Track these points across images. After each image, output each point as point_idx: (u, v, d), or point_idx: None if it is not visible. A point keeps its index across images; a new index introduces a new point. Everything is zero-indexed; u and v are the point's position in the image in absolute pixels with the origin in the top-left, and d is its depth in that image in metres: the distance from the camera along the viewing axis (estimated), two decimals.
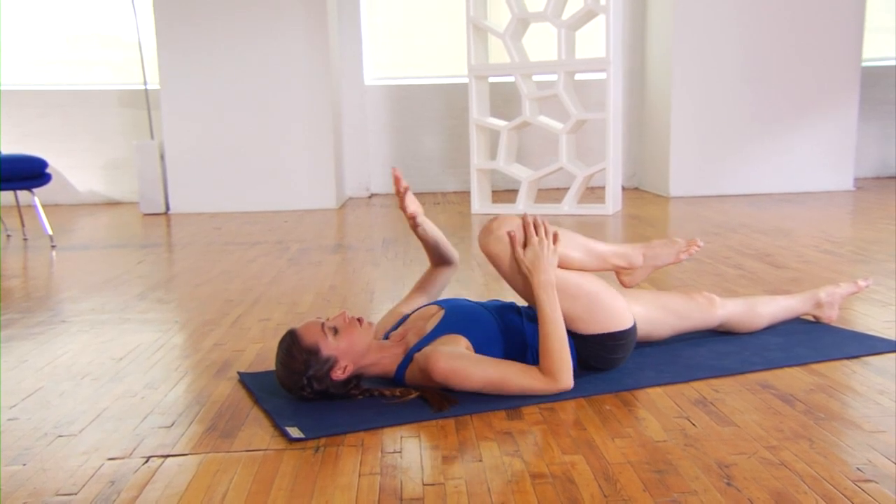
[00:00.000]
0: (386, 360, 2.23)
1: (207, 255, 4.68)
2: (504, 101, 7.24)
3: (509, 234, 2.18)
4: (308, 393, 2.12)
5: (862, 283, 2.76)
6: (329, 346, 2.11)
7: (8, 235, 5.75)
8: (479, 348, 2.20)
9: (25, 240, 5.50)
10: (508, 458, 1.78)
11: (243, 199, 6.69)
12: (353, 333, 2.15)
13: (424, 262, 2.99)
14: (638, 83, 7.66)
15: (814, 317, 2.77)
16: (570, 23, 5.87)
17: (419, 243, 2.69)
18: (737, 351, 2.49)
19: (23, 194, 5.72)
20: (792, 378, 2.24)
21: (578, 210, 6.03)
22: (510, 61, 6.05)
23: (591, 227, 5.34)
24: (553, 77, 6.01)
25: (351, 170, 7.60)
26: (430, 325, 2.24)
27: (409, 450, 1.84)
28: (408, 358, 2.21)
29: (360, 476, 1.71)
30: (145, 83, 7.10)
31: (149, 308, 3.37)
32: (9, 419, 2.12)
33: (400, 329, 2.34)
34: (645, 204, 6.56)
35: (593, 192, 7.04)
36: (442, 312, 2.28)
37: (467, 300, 2.40)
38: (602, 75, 6.31)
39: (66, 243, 5.32)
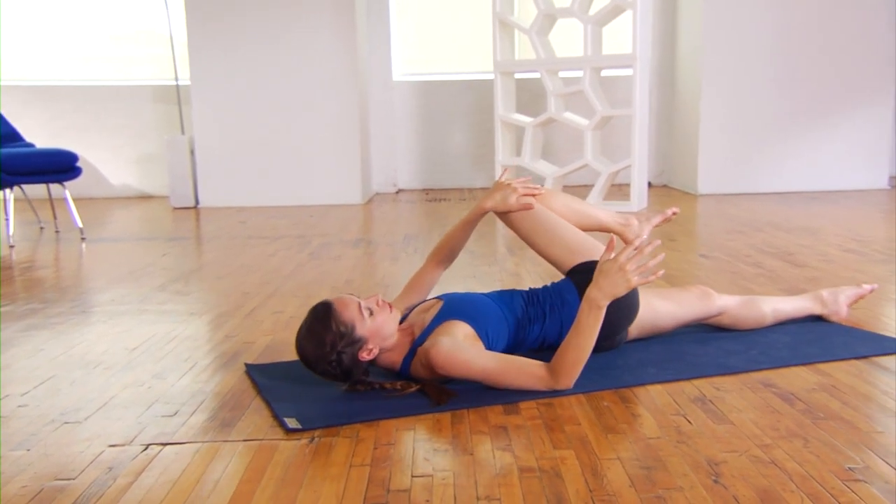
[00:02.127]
0: (397, 349, 2.25)
1: (231, 248, 4.74)
2: (532, 97, 7.23)
3: (610, 243, 2.10)
4: (332, 367, 2.11)
5: (867, 287, 2.75)
6: (364, 327, 2.12)
7: (41, 227, 5.86)
8: (482, 331, 2.22)
9: (57, 232, 5.61)
10: (499, 452, 1.79)
11: (270, 194, 6.76)
12: (385, 318, 2.18)
13: None
14: (668, 79, 7.59)
15: (822, 316, 2.75)
16: (596, 18, 5.84)
17: (437, 238, 2.71)
18: (743, 349, 2.47)
19: (55, 187, 5.83)
20: (796, 377, 2.22)
21: (604, 207, 6.00)
22: (536, 57, 6.03)
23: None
24: (580, 73, 5.99)
25: (378, 165, 7.64)
26: (430, 317, 2.26)
27: (402, 442, 1.86)
28: (412, 351, 2.23)
29: (350, 467, 1.73)
30: (177, 79, 7.19)
31: (167, 300, 3.43)
32: (18, 405, 2.17)
33: (405, 323, 2.36)
34: (672, 201, 6.51)
35: (620, 190, 7.00)
36: (441, 303, 2.30)
37: (467, 292, 2.42)
38: (630, 71, 6.27)
39: (96, 236, 5.41)
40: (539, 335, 2.34)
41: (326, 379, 2.18)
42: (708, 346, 2.52)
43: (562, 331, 2.30)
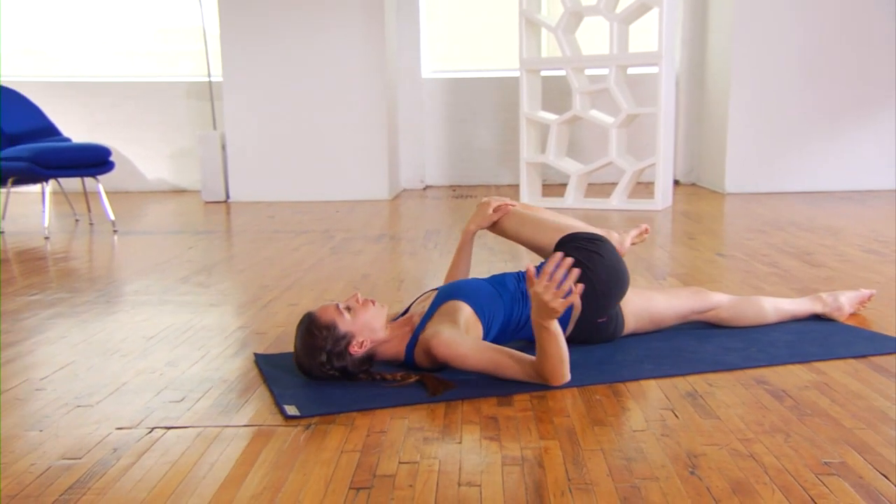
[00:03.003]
0: (396, 340, 2.32)
1: (256, 242, 4.85)
2: (559, 94, 7.25)
3: (528, 268, 2.09)
4: (328, 369, 2.21)
5: (865, 291, 2.80)
6: (345, 323, 2.21)
7: (76, 220, 6.02)
8: (478, 308, 2.31)
9: (91, 224, 5.76)
10: (487, 442, 1.84)
11: (299, 189, 6.87)
12: (367, 312, 2.26)
13: None
14: (698, 78, 7.57)
15: (824, 315, 2.77)
16: (623, 16, 5.85)
17: (458, 235, 2.85)
18: (743, 347, 2.50)
19: (90, 181, 5.98)
20: (790, 375, 2.25)
21: (627, 205, 6.02)
22: (562, 55, 6.06)
23: (639, 222, 5.33)
24: (607, 71, 6.00)
25: (407, 162, 7.72)
26: (428, 304, 2.34)
27: (394, 430, 1.93)
28: (414, 338, 2.30)
29: (342, 453, 1.80)
30: (209, 76, 7.33)
31: (188, 291, 3.53)
32: (36, 389, 2.27)
33: (406, 315, 2.43)
34: (698, 200, 6.50)
35: (646, 188, 7.00)
36: (436, 292, 2.39)
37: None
38: (657, 69, 6.25)
39: (128, 228, 5.56)
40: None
41: (331, 381, 2.25)
42: (708, 344, 2.55)
43: None
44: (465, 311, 2.28)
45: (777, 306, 2.71)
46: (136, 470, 1.74)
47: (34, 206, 6.46)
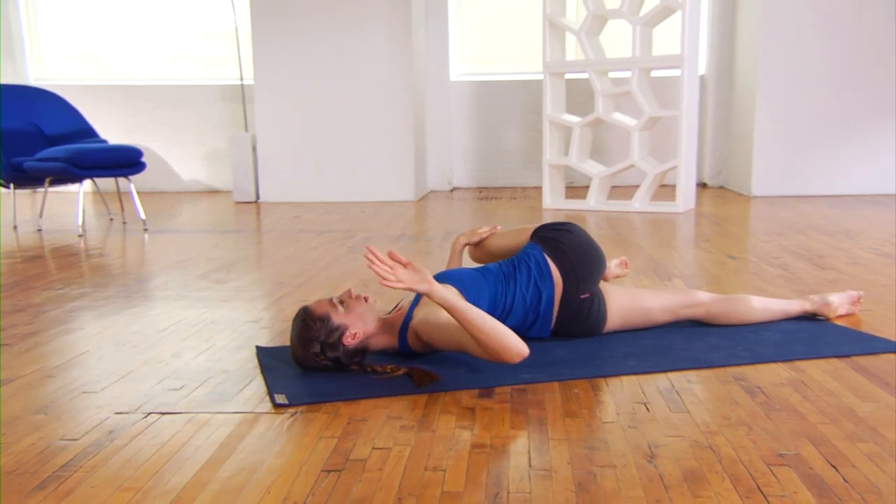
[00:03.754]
0: (388, 330, 2.43)
1: (279, 241, 4.98)
2: (585, 97, 7.29)
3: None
4: (322, 360, 2.32)
5: (853, 293, 2.85)
6: (339, 316, 2.32)
7: (111, 219, 6.22)
8: (462, 287, 2.43)
9: (124, 223, 5.95)
10: (460, 430, 1.92)
11: (326, 190, 7.01)
12: (360, 306, 2.38)
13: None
14: (726, 80, 7.56)
15: (815, 313, 2.82)
16: (646, 19, 5.88)
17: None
18: (729, 346, 2.55)
19: (124, 181, 6.17)
20: (770, 372, 2.29)
21: (649, 207, 6.05)
22: (584, 58, 6.11)
23: (659, 225, 5.36)
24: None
25: (434, 163, 7.82)
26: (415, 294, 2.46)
27: (374, 418, 2.02)
28: (404, 325, 2.41)
29: (320, 439, 1.90)
30: (241, 79, 7.51)
31: (205, 287, 3.66)
32: (47, 376, 2.41)
33: (397, 307, 2.53)
34: (723, 203, 6.50)
35: (670, 191, 7.00)
36: None
37: None
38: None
39: (159, 227, 5.73)
40: (514, 289, 2.54)
41: (325, 371, 2.35)
42: (696, 342, 2.60)
43: (530, 280, 2.55)
44: (451, 290, 2.38)
45: (766, 304, 2.77)
46: (126, 451, 1.85)
47: (71, 206, 6.68)
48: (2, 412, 2.11)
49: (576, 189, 7.36)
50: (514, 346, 2.16)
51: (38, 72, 8.43)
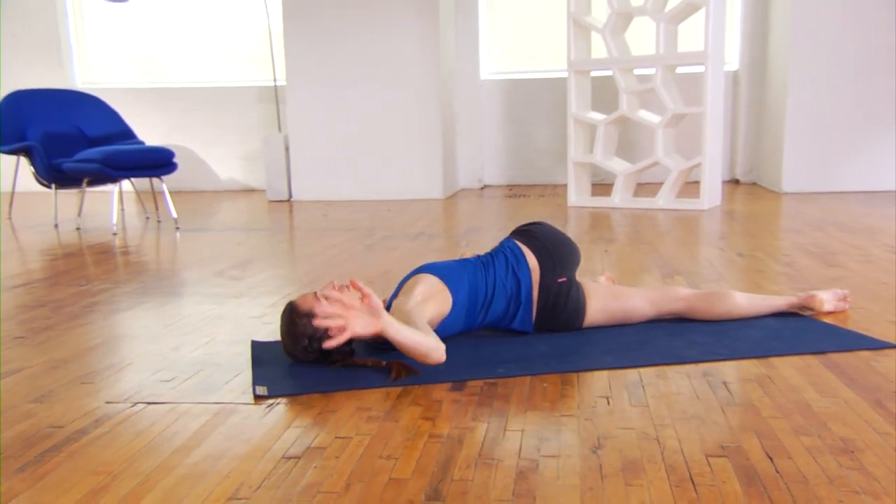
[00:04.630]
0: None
1: (301, 239, 5.11)
2: (612, 95, 7.30)
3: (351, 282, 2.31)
4: (311, 353, 2.42)
5: (839, 291, 2.88)
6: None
7: (147, 218, 6.43)
8: (441, 274, 2.55)
9: (158, 222, 6.15)
10: (422, 421, 2.00)
11: (356, 188, 7.14)
12: (343, 298, 2.46)
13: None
14: (758, 76, 7.50)
15: (802, 307, 2.85)
16: (669, 16, 5.88)
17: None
18: (709, 342, 2.58)
19: (160, 181, 6.38)
20: (740, 369, 2.33)
21: (674, 204, 6.04)
22: (608, 56, 6.13)
23: (681, 222, 5.37)
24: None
25: (465, 162, 7.89)
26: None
27: (344, 409, 2.11)
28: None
29: (288, 428, 2.00)
30: (275, 80, 7.68)
31: (219, 283, 3.80)
32: (51, 367, 2.55)
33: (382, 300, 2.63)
34: (752, 200, 6.46)
35: (696, 188, 6.97)
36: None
37: None
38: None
39: (190, 225, 5.91)
40: (493, 277, 2.64)
41: (317, 363, 2.45)
42: (678, 339, 2.64)
43: (507, 268, 2.66)
44: (428, 280, 2.51)
45: (750, 299, 2.80)
46: (107, 438, 1.97)
47: (110, 205, 6.90)
48: (1, 401, 2.25)
49: (604, 186, 7.37)
50: (428, 358, 2.26)
51: (84, 76, 8.72)
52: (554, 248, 2.71)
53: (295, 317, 2.43)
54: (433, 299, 2.50)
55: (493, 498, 1.59)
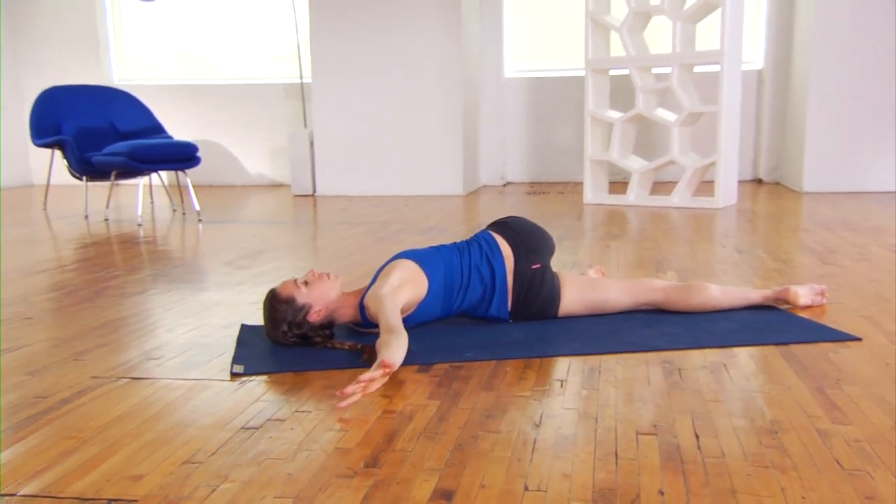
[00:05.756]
0: (350, 306, 2.64)
1: (315, 232, 5.25)
2: (632, 93, 7.31)
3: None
4: (291, 337, 2.56)
5: (816, 286, 2.95)
6: (302, 296, 2.55)
7: (174, 210, 6.63)
8: (418, 259, 2.67)
9: (184, 214, 6.34)
10: (380, 398, 2.11)
11: (378, 184, 7.27)
12: (322, 284, 2.60)
13: None
14: (782, 75, 7.47)
15: (778, 301, 2.91)
16: (686, 15, 5.91)
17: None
18: (679, 332, 2.64)
19: (187, 175, 6.57)
20: (699, 357, 2.40)
21: (688, 203, 6.07)
22: (625, 55, 6.18)
23: (692, 220, 5.41)
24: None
25: (488, 158, 7.99)
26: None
27: (312, 387, 2.22)
28: (362, 300, 2.62)
29: (254, 402, 2.12)
30: (301, 77, 7.85)
31: (226, 272, 3.94)
32: (52, 346, 2.71)
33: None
34: (770, 199, 6.46)
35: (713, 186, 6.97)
36: None
37: None
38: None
39: (214, 217, 6.09)
40: (469, 262, 2.75)
41: (298, 346, 2.58)
42: (648, 329, 2.71)
43: (482, 255, 2.76)
44: (404, 264, 2.63)
45: (725, 291, 2.86)
46: (87, 407, 2.11)
47: (144, 198, 7.12)
48: (1, 375, 2.41)
49: (622, 184, 7.40)
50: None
51: (121, 73, 8.98)
52: (527, 237, 2.82)
53: (275, 303, 2.56)
54: (410, 284, 2.61)
55: (426, 467, 1.70)
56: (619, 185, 7.34)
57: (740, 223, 5.19)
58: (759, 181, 7.73)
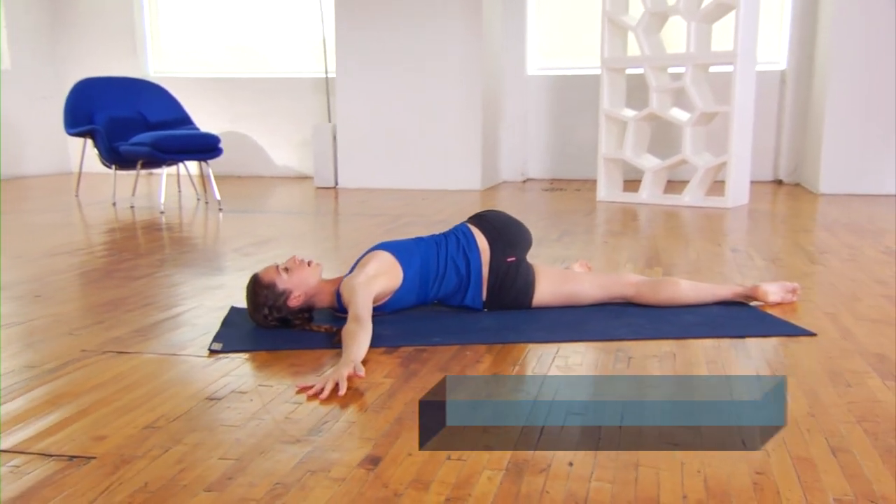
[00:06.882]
0: (328, 292, 2.79)
1: (328, 222, 5.41)
2: (648, 92, 7.36)
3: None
4: (271, 320, 2.71)
5: (788, 284, 2.99)
6: (283, 281, 2.70)
7: (198, 199, 6.84)
8: (394, 250, 2.80)
9: (206, 203, 6.55)
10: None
11: (399, 177, 7.42)
12: (303, 271, 2.75)
13: None
14: (805, 77, 7.47)
15: (747, 297, 2.99)
16: (702, 15, 5.96)
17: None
18: (643, 324, 2.74)
19: (211, 165, 6.77)
20: (655, 347, 2.49)
21: (699, 202, 6.12)
22: (640, 54, 6.24)
23: (700, 219, 5.47)
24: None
25: (509, 155, 8.09)
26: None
27: (279, 366, 2.37)
28: (339, 287, 2.76)
29: (222, 377, 2.27)
30: (326, 72, 8.02)
31: (231, 258, 4.12)
32: (53, 321, 2.89)
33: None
34: (784, 200, 6.48)
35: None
36: None
37: None
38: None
39: (235, 207, 6.28)
40: (445, 254, 2.87)
41: (278, 328, 2.73)
42: (616, 320, 2.80)
43: (459, 247, 2.88)
44: (381, 256, 2.76)
45: (694, 286, 2.94)
46: (69, 377, 2.28)
47: (170, 187, 7.36)
48: (1, 348, 2.60)
49: (638, 183, 7.45)
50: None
51: (156, 65, 9.24)
52: (504, 230, 2.92)
53: (257, 288, 2.71)
54: (385, 274, 2.74)
55: (363, 436, 1.83)
56: (634, 183, 7.39)
57: (745, 223, 5.24)
58: (779, 182, 7.73)
